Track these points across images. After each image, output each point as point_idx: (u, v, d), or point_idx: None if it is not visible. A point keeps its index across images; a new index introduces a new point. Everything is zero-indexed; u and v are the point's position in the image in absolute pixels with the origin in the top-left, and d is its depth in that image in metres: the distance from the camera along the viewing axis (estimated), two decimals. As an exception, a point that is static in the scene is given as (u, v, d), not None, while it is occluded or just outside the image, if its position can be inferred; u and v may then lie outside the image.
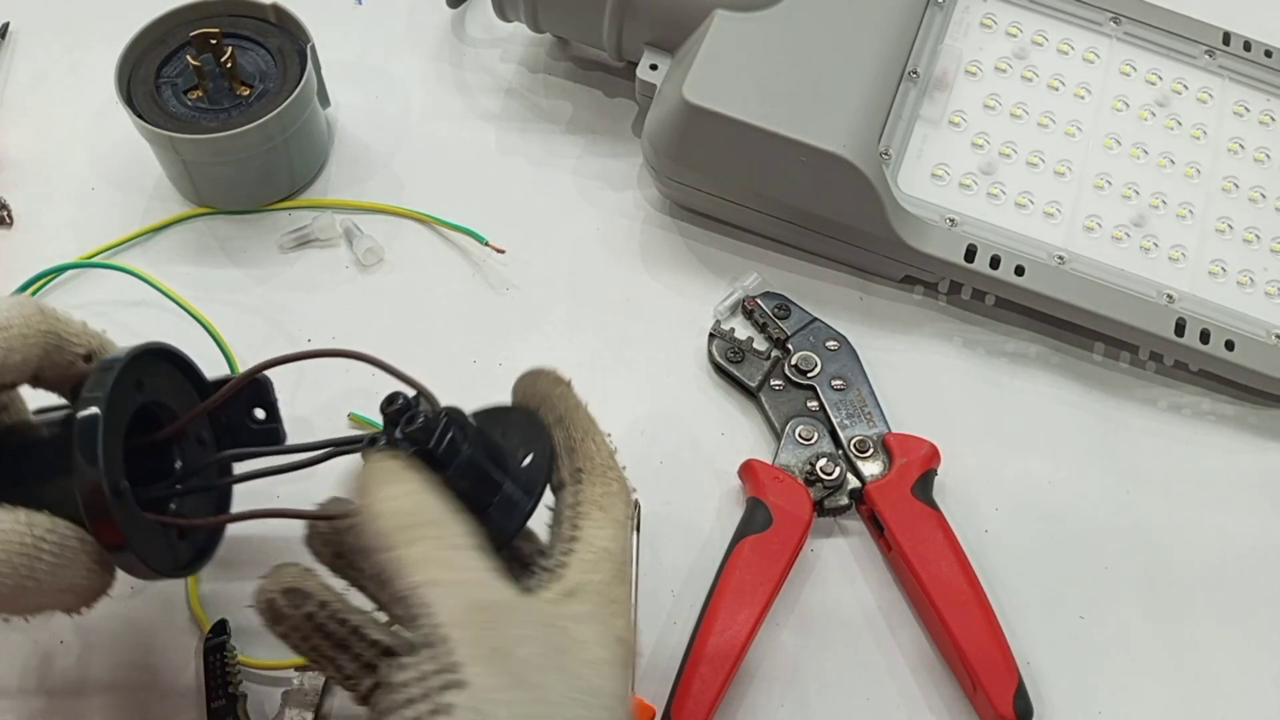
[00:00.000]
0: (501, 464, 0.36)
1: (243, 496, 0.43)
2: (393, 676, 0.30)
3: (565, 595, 0.33)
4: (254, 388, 0.43)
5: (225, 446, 0.42)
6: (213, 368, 0.42)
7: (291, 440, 0.43)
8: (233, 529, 0.42)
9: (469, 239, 0.58)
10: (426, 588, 0.30)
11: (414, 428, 0.34)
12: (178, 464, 0.40)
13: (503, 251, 0.57)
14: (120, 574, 0.37)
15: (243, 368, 0.44)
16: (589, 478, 0.36)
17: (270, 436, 0.43)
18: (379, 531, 0.31)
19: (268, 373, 0.42)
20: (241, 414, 0.43)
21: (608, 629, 0.32)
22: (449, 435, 0.35)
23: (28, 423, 0.39)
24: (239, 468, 0.42)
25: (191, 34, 0.55)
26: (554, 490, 0.37)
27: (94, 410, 0.34)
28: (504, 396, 0.54)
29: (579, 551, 0.34)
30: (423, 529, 0.31)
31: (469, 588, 0.30)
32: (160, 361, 0.40)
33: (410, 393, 0.36)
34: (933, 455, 0.51)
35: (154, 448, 0.39)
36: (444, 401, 0.36)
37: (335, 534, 0.37)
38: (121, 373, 0.36)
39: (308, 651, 0.35)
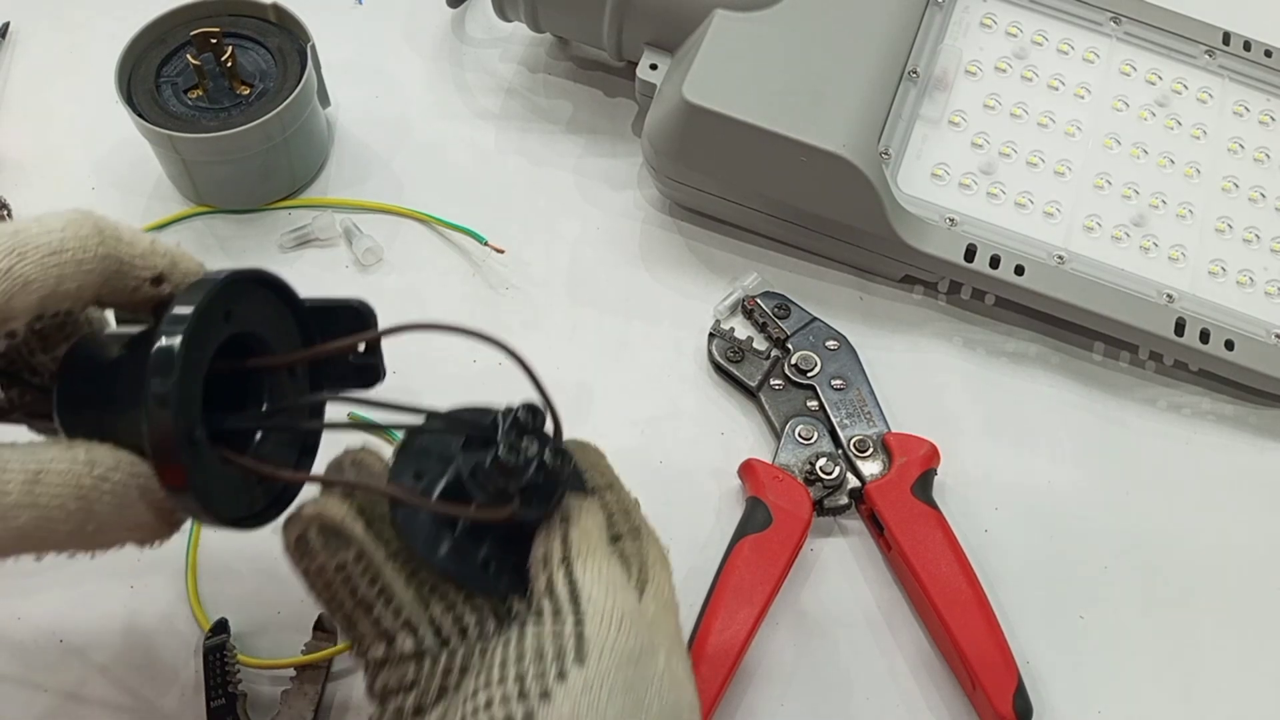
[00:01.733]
0: None
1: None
2: (515, 634, 0.31)
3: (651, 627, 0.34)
4: (355, 316, 0.38)
5: (318, 375, 0.38)
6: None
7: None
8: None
9: (469, 239, 0.58)
10: (596, 585, 0.32)
11: (556, 463, 0.33)
12: (264, 399, 0.36)
13: (502, 251, 0.57)
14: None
15: None
16: (647, 538, 0.38)
17: (369, 373, 0.38)
18: (578, 538, 0.33)
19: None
20: (341, 356, 0.38)
21: (684, 663, 0.35)
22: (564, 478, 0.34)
23: (103, 338, 0.35)
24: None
25: (192, 33, 0.55)
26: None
27: (172, 343, 0.31)
28: (504, 397, 0.54)
29: (650, 593, 0.35)
30: (604, 551, 0.34)
31: (624, 600, 0.33)
32: (254, 287, 0.35)
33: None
34: (932, 455, 0.51)
35: (240, 375, 0.35)
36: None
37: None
38: (208, 302, 0.32)
39: (326, 600, 0.33)
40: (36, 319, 0.32)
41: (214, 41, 0.55)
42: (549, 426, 0.34)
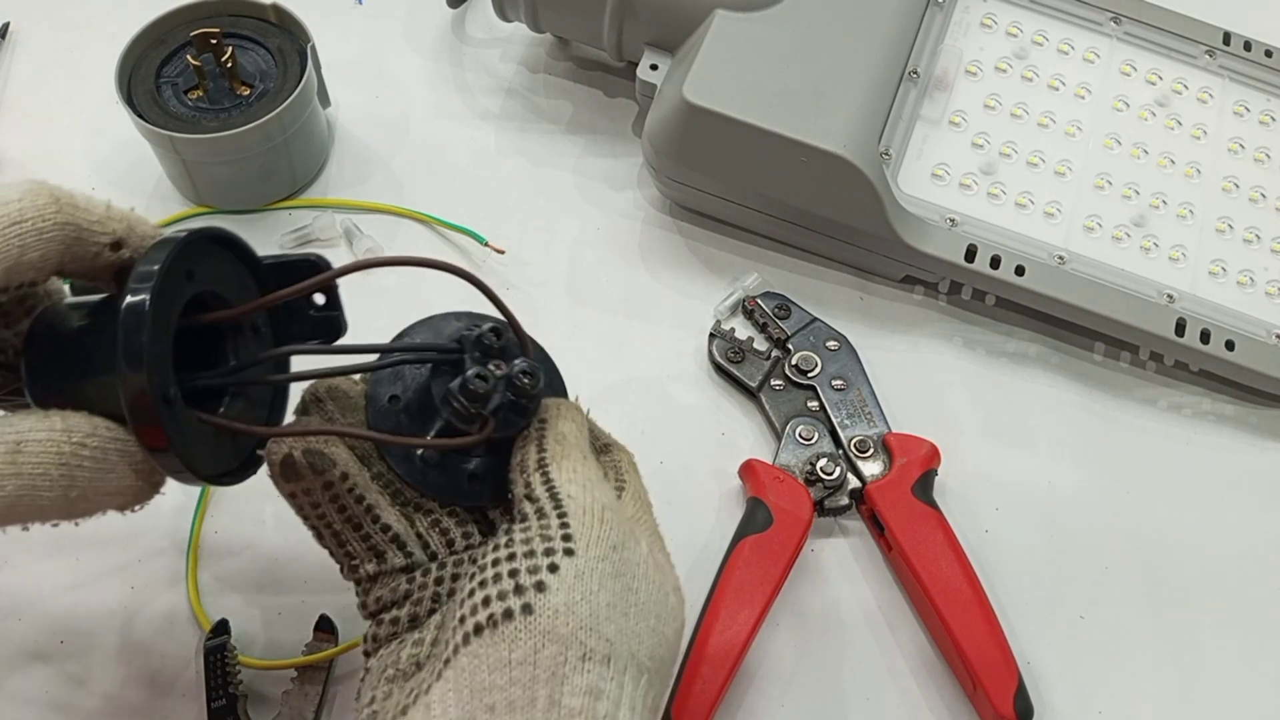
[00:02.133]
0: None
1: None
2: (504, 537, 0.33)
3: (632, 521, 0.36)
4: (311, 269, 0.38)
5: (281, 333, 0.38)
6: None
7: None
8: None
9: (469, 239, 0.58)
10: (572, 484, 0.34)
11: (525, 382, 0.35)
12: (230, 357, 0.37)
13: (502, 252, 0.57)
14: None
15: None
16: (617, 450, 0.41)
17: (330, 326, 0.39)
18: (553, 442, 0.35)
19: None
20: (299, 298, 0.38)
21: (665, 554, 0.37)
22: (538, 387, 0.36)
23: (63, 308, 0.36)
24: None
25: (192, 34, 0.55)
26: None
27: (140, 304, 0.31)
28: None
29: (628, 494, 0.37)
30: (579, 452, 0.36)
31: (601, 494, 0.34)
32: (213, 246, 0.36)
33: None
34: (933, 455, 0.51)
35: (204, 333, 0.36)
36: None
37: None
38: (171, 262, 0.32)
39: (315, 521, 0.35)
40: (1, 291, 0.32)
41: (214, 42, 0.55)
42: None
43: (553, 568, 0.32)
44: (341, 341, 0.39)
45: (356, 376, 0.38)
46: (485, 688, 0.30)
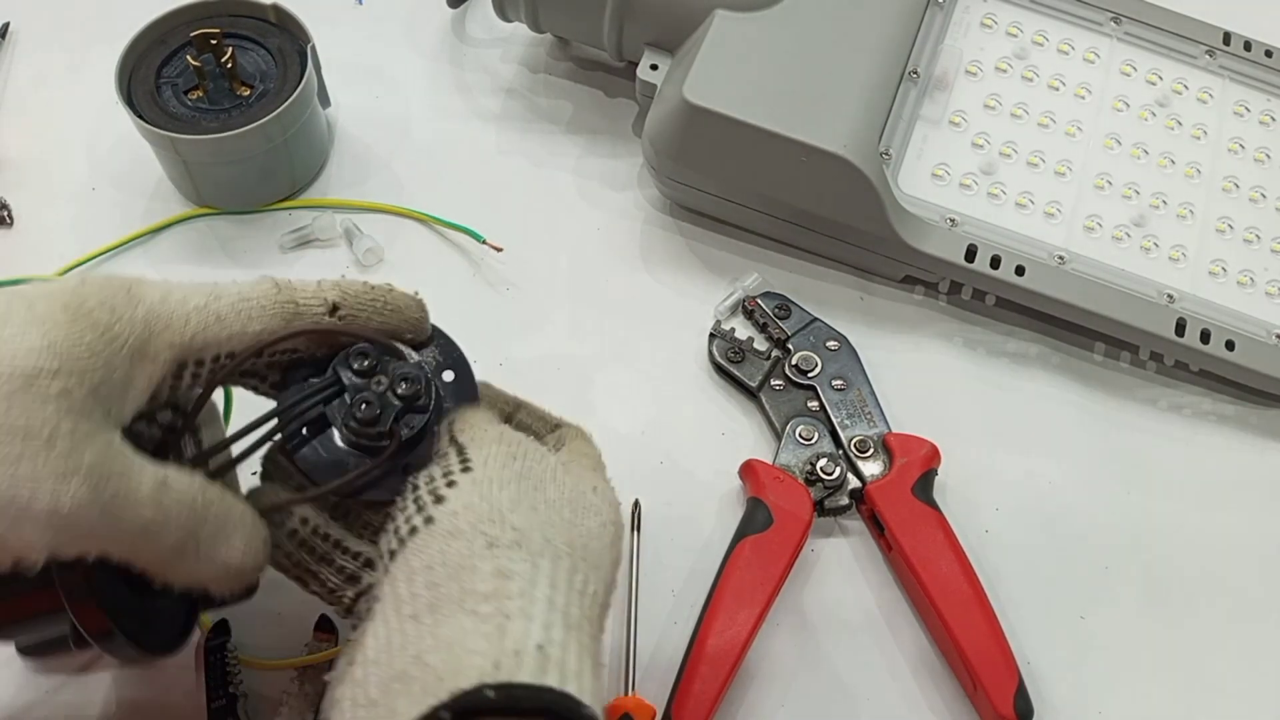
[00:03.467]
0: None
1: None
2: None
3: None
4: None
5: (195, 606, 0.41)
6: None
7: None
8: None
9: (469, 239, 0.58)
10: (474, 432, 0.36)
11: (406, 388, 0.38)
12: None
13: (500, 250, 0.57)
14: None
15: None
16: (565, 428, 0.43)
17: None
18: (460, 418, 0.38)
19: None
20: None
21: (610, 489, 0.38)
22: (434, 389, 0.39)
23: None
24: None
25: (192, 34, 0.55)
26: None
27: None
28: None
29: (566, 449, 0.40)
30: (485, 417, 0.38)
31: (499, 429, 0.37)
32: None
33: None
34: (933, 455, 0.51)
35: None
36: None
37: None
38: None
39: (291, 568, 0.37)
40: (223, 358, 0.36)
41: (214, 42, 0.55)
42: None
43: (450, 484, 0.34)
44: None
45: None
46: (405, 600, 0.31)
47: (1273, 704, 0.48)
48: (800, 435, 0.52)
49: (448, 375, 0.41)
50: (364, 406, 0.37)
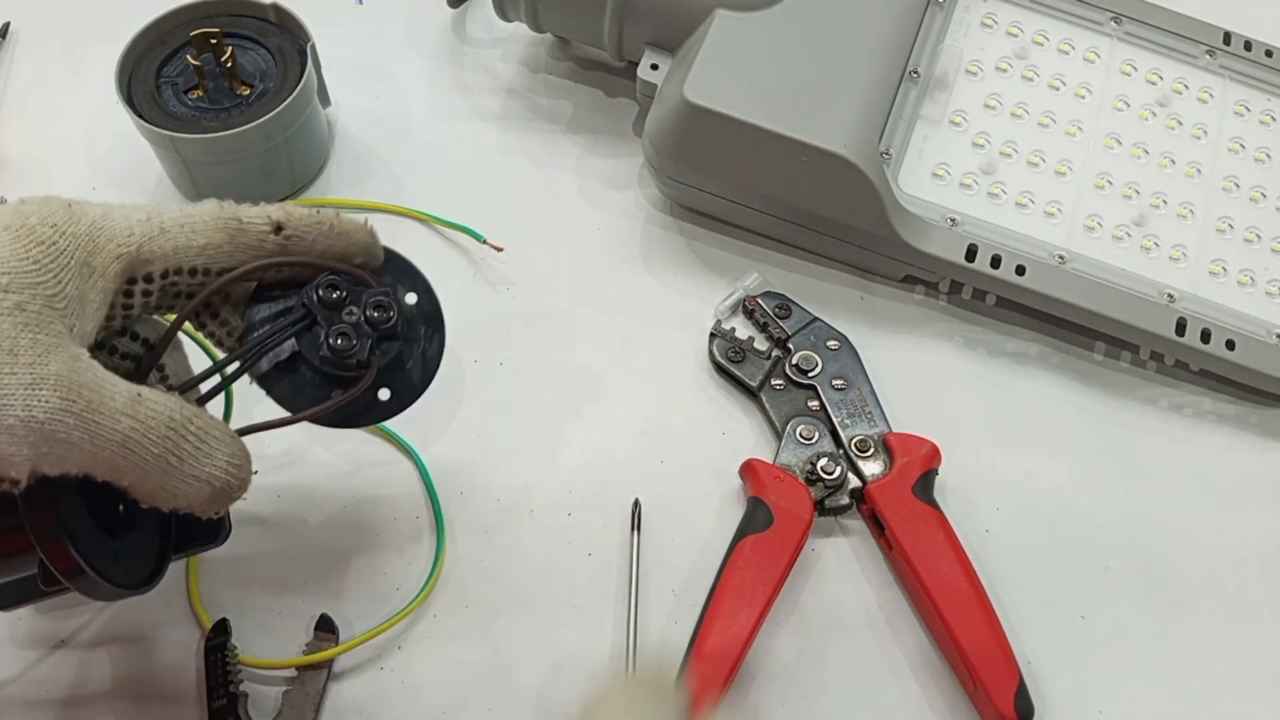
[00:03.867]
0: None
1: None
2: None
3: None
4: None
5: (168, 532, 0.41)
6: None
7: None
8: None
9: (470, 239, 0.58)
10: None
11: (378, 315, 0.39)
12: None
13: (501, 249, 0.57)
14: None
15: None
16: None
17: (214, 527, 0.42)
18: None
19: None
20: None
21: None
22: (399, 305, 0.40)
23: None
24: None
25: (192, 34, 0.55)
26: None
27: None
28: (506, 396, 0.55)
29: None
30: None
31: None
32: None
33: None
34: (933, 455, 0.51)
35: None
36: None
37: None
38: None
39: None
40: (171, 274, 0.36)
41: (214, 42, 0.55)
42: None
43: None
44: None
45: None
46: None
47: (1272, 704, 0.48)
48: (801, 435, 0.52)
49: (410, 298, 0.42)
50: (339, 339, 0.38)
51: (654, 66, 0.58)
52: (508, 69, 0.66)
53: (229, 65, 0.55)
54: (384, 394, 0.40)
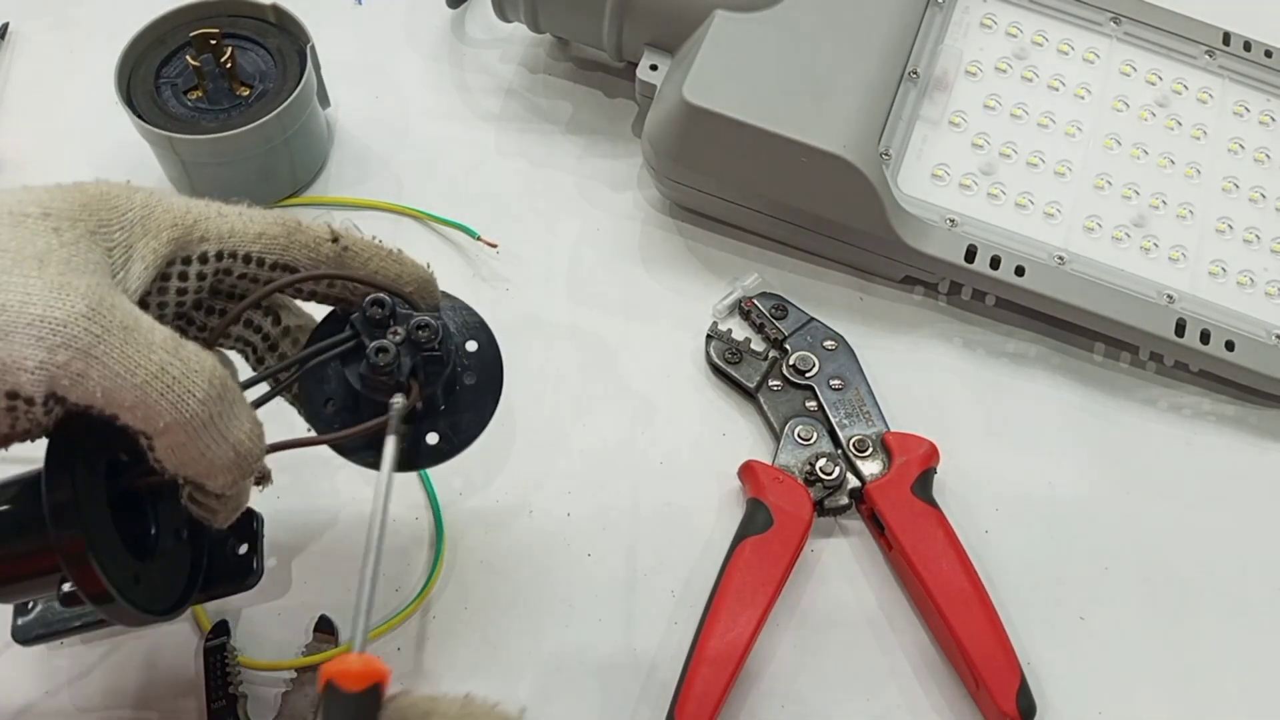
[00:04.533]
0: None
1: None
2: None
3: None
4: (243, 516, 0.40)
5: (199, 565, 0.40)
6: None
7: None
8: None
9: (470, 240, 0.58)
10: None
11: (423, 335, 0.37)
12: (149, 515, 0.38)
13: (495, 246, 0.57)
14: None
15: (242, 375, 0.41)
16: None
17: (242, 568, 0.41)
18: None
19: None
20: (224, 544, 0.41)
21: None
22: (450, 340, 0.38)
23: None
24: None
25: (191, 34, 0.55)
26: None
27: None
28: (505, 396, 0.54)
29: None
30: None
31: None
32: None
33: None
34: (932, 454, 0.51)
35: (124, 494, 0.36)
36: None
37: None
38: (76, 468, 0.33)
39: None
40: (225, 257, 0.36)
41: (214, 42, 0.55)
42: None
43: None
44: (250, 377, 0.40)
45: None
46: None
47: (1273, 704, 0.48)
48: (799, 435, 0.52)
49: (471, 345, 0.40)
50: (378, 355, 0.36)
51: (653, 67, 0.58)
52: (507, 69, 0.66)
53: (229, 66, 0.55)
54: (432, 438, 0.38)
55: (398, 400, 0.36)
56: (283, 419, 0.39)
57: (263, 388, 0.38)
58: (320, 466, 0.51)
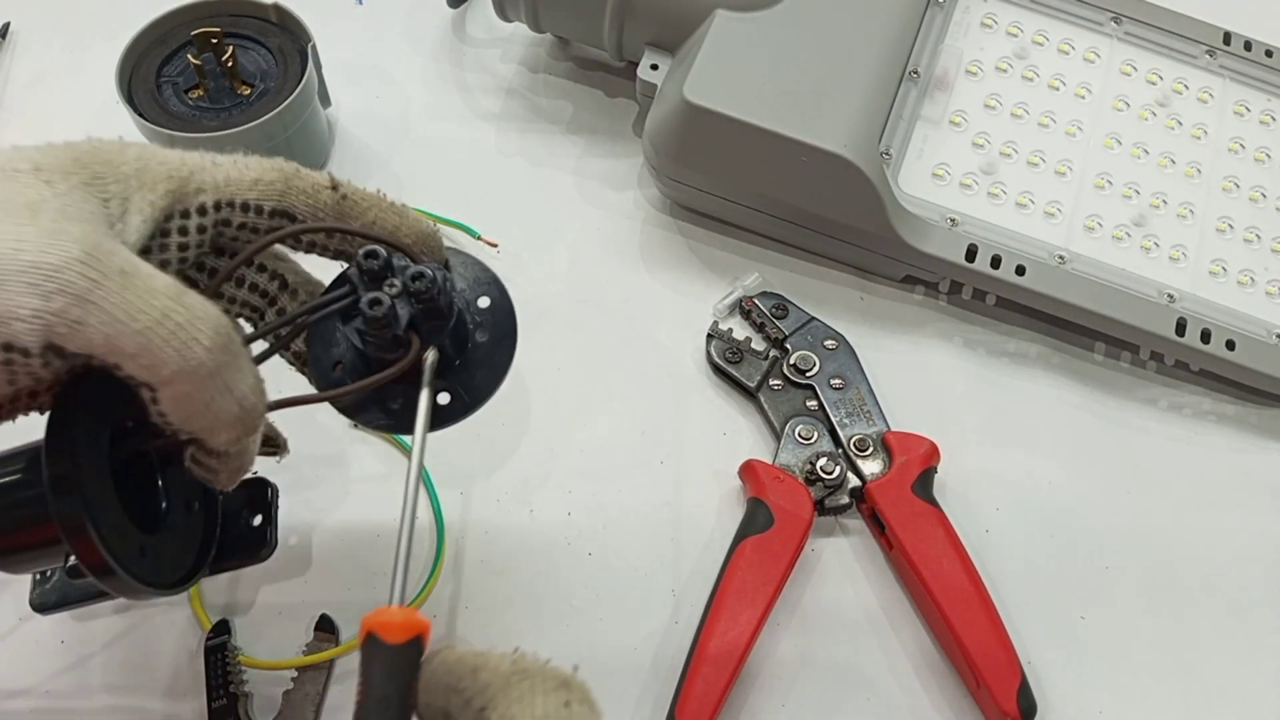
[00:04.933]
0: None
1: None
2: None
3: None
4: (257, 487, 0.41)
5: (210, 537, 0.39)
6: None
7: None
8: None
9: (469, 239, 0.58)
10: None
11: (419, 285, 0.34)
12: (159, 480, 0.37)
13: (495, 245, 0.57)
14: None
15: None
16: None
17: (258, 540, 0.40)
18: None
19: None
20: (238, 515, 0.40)
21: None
22: (450, 290, 0.36)
23: None
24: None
25: (192, 33, 0.55)
26: None
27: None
28: (505, 395, 0.54)
29: None
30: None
31: None
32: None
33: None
34: (932, 453, 0.51)
35: (132, 458, 0.35)
36: None
37: None
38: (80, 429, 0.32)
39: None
40: (223, 207, 0.35)
41: (215, 41, 0.55)
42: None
43: None
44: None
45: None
46: None
47: (1273, 704, 0.48)
48: (799, 435, 0.52)
49: (483, 301, 0.38)
50: (375, 304, 0.34)
51: (654, 66, 0.58)
52: (508, 69, 0.66)
53: (230, 65, 0.55)
54: (443, 398, 0.37)
55: (430, 355, 0.35)
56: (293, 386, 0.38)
57: (261, 347, 0.37)
58: (321, 466, 0.51)
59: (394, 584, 0.32)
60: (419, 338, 0.35)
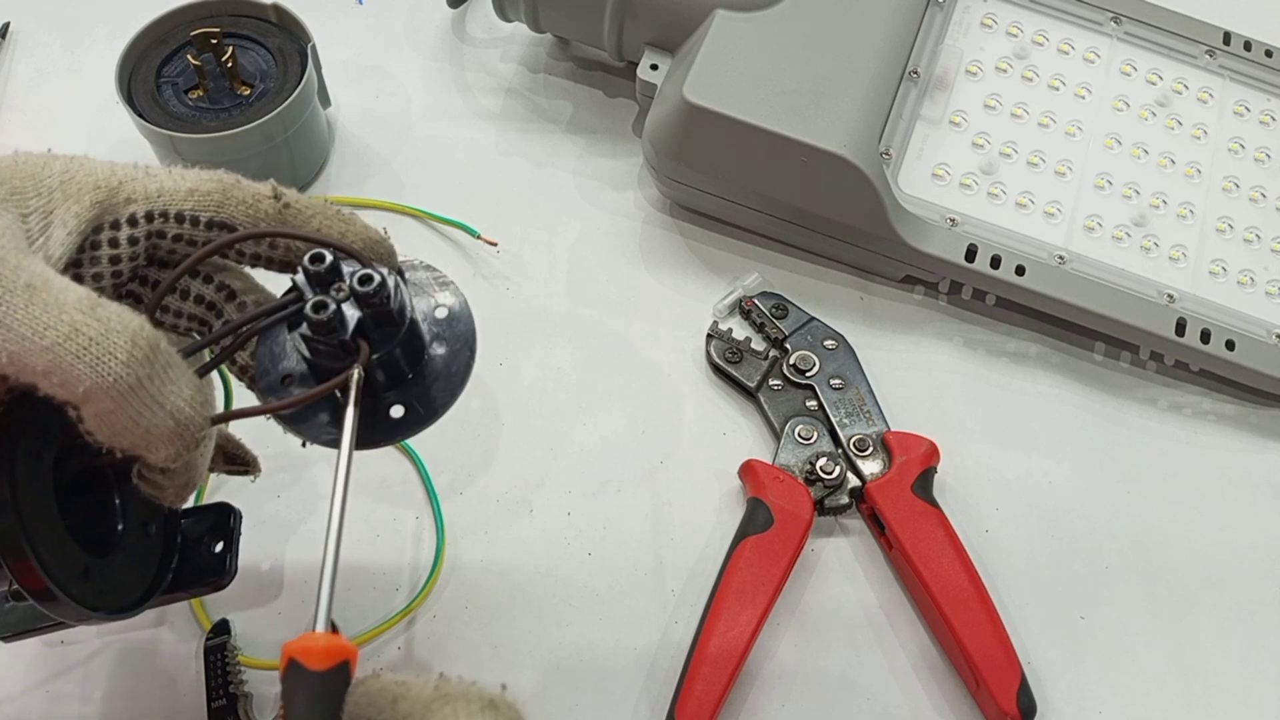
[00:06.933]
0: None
1: None
2: None
3: None
4: (220, 512, 0.40)
5: (168, 562, 0.38)
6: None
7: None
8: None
9: (471, 240, 0.58)
10: None
11: (366, 289, 0.32)
12: (116, 498, 0.36)
13: (495, 245, 0.57)
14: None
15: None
16: None
17: (219, 567, 0.39)
18: None
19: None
20: (199, 541, 0.39)
21: None
22: (401, 294, 0.34)
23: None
24: None
25: (192, 33, 0.56)
26: None
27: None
28: (505, 395, 0.55)
29: None
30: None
31: None
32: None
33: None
34: (932, 453, 0.51)
35: (86, 478, 0.35)
36: None
37: None
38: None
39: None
40: (156, 218, 0.34)
41: (214, 42, 0.55)
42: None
43: None
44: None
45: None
46: None
47: (1273, 704, 0.48)
48: (799, 435, 0.52)
49: (440, 312, 0.36)
50: (317, 309, 0.32)
51: (654, 66, 0.58)
52: (508, 69, 0.66)
53: (229, 65, 0.55)
54: (396, 411, 0.35)
55: (356, 370, 0.33)
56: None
57: (206, 359, 0.35)
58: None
59: (318, 607, 0.31)
60: (369, 345, 0.33)
